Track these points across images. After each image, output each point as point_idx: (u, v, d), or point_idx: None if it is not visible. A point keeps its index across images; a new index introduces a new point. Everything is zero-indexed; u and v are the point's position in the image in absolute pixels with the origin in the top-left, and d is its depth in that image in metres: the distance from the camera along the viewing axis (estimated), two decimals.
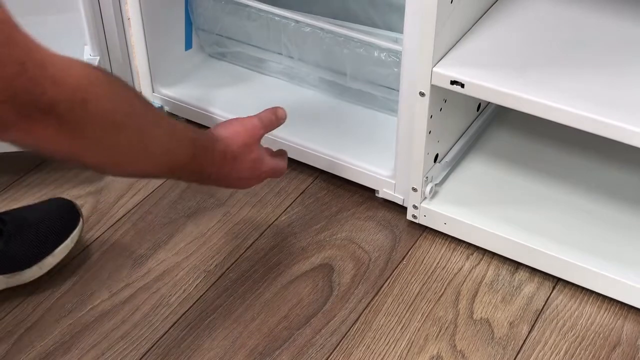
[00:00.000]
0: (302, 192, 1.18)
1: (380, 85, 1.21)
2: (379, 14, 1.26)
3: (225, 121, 0.96)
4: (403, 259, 1.08)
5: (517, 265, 1.05)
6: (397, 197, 1.13)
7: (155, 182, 1.19)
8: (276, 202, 1.15)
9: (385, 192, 1.12)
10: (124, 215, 1.15)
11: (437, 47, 0.92)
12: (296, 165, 1.19)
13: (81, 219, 1.06)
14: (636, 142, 0.86)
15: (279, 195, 1.17)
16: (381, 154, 1.15)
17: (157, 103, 1.28)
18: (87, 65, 0.69)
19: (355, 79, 1.23)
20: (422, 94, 0.94)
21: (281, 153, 1.05)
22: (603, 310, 1.00)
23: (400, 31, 0.98)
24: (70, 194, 1.16)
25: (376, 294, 1.02)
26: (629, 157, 1.09)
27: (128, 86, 0.78)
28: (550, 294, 1.02)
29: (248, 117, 0.97)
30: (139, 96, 0.79)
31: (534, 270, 1.05)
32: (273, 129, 1.01)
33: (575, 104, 0.88)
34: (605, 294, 1.01)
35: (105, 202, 1.17)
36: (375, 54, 1.14)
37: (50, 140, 0.65)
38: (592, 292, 1.03)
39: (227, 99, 1.28)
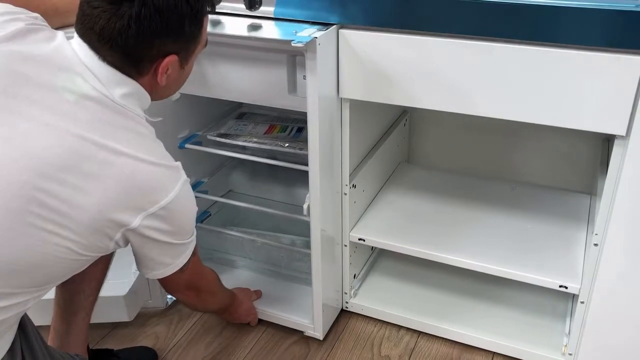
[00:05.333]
0: (271, 323, 1.70)
1: (300, 271, 1.72)
2: (302, 229, 1.70)
3: (238, 288, 1.65)
4: (344, 329, 1.67)
5: (400, 327, 1.65)
6: (315, 335, 1.61)
7: (185, 330, 1.70)
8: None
9: (308, 333, 1.63)
10: (173, 346, 1.69)
11: (350, 223, 1.62)
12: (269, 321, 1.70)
13: None
14: (451, 262, 1.51)
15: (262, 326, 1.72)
16: (304, 311, 1.65)
17: None
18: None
19: (287, 268, 1.77)
20: (345, 245, 1.63)
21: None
22: (444, 345, 1.60)
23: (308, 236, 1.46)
24: (137, 338, 1.67)
25: (333, 347, 1.61)
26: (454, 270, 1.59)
27: (217, 276, 1.42)
28: (417, 339, 1.62)
29: (246, 288, 1.68)
30: (219, 281, 1.45)
31: (408, 329, 1.64)
32: (255, 298, 1.67)
33: (417, 246, 1.57)
34: (445, 337, 1.61)
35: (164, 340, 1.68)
36: (296, 255, 1.72)
37: (190, 299, 1.35)
38: (437, 337, 1.61)
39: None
